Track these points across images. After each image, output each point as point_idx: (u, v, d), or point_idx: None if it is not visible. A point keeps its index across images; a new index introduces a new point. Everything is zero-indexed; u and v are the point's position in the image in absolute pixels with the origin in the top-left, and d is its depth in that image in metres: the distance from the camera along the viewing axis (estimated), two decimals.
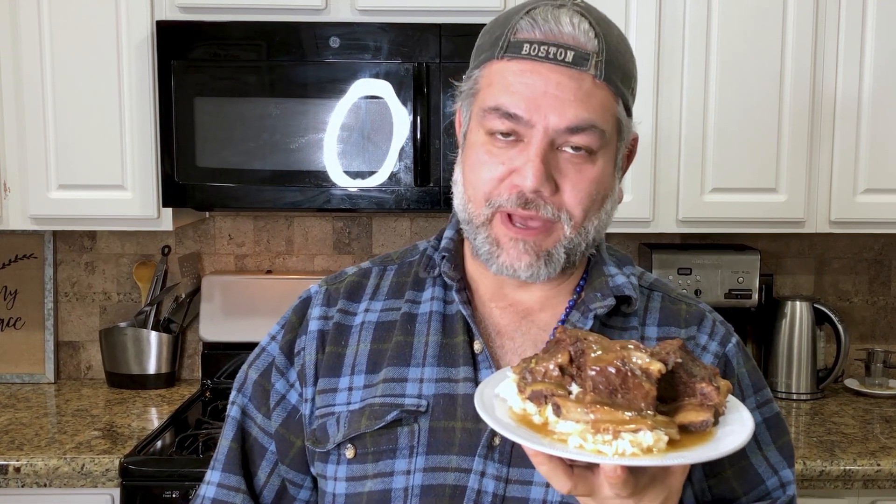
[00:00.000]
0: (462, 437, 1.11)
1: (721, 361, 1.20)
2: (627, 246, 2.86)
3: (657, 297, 1.23)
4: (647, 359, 0.91)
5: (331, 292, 1.25)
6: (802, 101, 2.47)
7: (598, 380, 0.90)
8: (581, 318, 1.15)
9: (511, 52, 1.09)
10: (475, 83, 1.13)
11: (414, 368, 1.15)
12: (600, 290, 1.16)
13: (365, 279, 1.26)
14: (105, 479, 2.18)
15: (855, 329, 2.92)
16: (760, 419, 1.21)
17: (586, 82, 1.07)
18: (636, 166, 2.43)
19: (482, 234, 1.12)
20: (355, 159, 2.38)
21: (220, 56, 2.37)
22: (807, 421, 2.52)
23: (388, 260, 1.29)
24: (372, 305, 1.22)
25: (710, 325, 1.22)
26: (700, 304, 1.26)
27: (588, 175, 1.09)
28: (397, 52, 2.36)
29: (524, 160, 1.07)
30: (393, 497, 1.12)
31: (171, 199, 2.42)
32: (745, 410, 0.97)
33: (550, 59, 1.07)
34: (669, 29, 2.46)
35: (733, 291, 2.64)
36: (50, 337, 2.86)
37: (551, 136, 1.07)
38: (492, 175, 1.09)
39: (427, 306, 1.20)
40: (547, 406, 0.92)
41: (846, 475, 2.19)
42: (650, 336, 1.19)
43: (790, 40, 2.46)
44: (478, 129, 1.12)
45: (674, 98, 2.48)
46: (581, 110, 1.07)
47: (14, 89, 2.46)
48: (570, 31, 1.07)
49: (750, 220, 2.52)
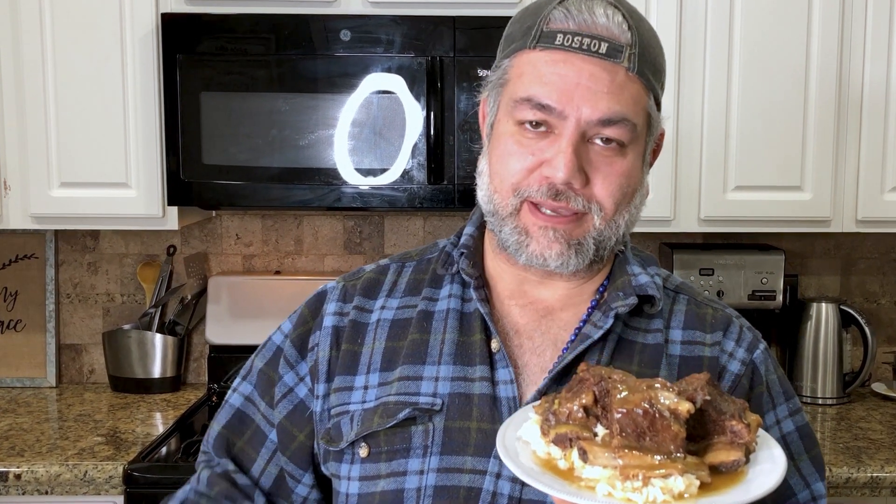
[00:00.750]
0: (477, 437, 1.11)
1: (748, 368, 1.19)
2: (648, 246, 2.86)
3: (683, 299, 1.23)
4: (675, 398, 0.90)
5: (347, 289, 1.26)
6: (828, 95, 2.45)
7: (624, 422, 0.89)
8: (602, 318, 1.15)
9: (544, 42, 1.09)
10: (504, 73, 1.14)
11: (430, 367, 1.16)
12: (623, 290, 1.17)
13: (382, 276, 1.27)
14: (108, 487, 2.17)
15: (882, 332, 2.91)
16: (793, 427, 1.21)
17: (619, 75, 1.08)
18: (657, 164, 2.38)
19: (509, 225, 1.13)
20: (367, 156, 2.37)
21: (228, 49, 2.37)
22: (833, 426, 2.51)
23: (407, 257, 1.29)
24: (388, 303, 1.23)
25: (737, 331, 1.22)
26: (727, 309, 1.26)
27: (618, 168, 1.10)
28: (410, 45, 2.35)
29: (555, 151, 1.08)
30: (405, 497, 1.12)
31: (176, 198, 2.42)
32: (777, 447, 0.97)
33: (584, 50, 1.08)
34: (691, 23, 2.45)
35: (757, 293, 2.63)
36: (51, 340, 2.86)
37: (583, 127, 1.08)
38: (521, 166, 1.10)
39: (444, 304, 1.20)
40: (572, 450, 0.92)
41: (874, 482, 2.17)
42: (674, 339, 1.19)
43: (815, 34, 2.44)
44: (507, 120, 1.12)
45: (695, 94, 2.47)
46: (614, 103, 1.08)
47: (14, 83, 2.45)
48: (605, 23, 1.08)
49: (774, 219, 2.51)
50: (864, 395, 2.78)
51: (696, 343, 1.19)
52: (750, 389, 1.18)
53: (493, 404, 1.12)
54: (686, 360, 1.18)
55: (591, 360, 1.14)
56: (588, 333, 1.14)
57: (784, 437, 1.19)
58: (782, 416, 1.20)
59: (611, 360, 1.15)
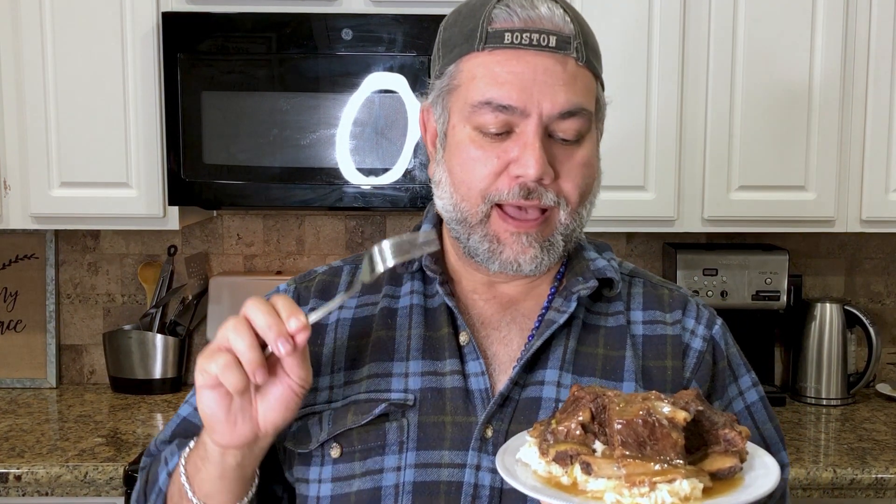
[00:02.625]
0: (453, 431, 1.12)
1: (710, 344, 1.22)
2: (651, 246, 2.85)
3: (639, 283, 1.26)
4: (671, 408, 0.93)
5: (300, 291, 1.25)
6: (832, 95, 2.44)
7: (625, 433, 0.91)
8: (564, 303, 1.16)
9: (492, 42, 1.09)
10: (452, 78, 1.13)
11: (398, 363, 1.16)
12: (582, 274, 1.19)
13: (336, 277, 1.26)
14: (109, 488, 2.17)
15: (887, 332, 2.90)
16: (757, 398, 1.24)
17: (570, 66, 1.10)
18: (660, 164, 2.40)
19: (478, 233, 1.13)
20: (368, 156, 2.37)
21: (229, 49, 2.37)
22: (837, 427, 2.51)
23: (360, 259, 1.28)
24: (347, 302, 1.22)
25: (695, 309, 1.24)
26: (681, 289, 1.28)
27: (580, 159, 1.12)
28: (412, 44, 2.34)
29: (521, 149, 1.08)
30: (383, 495, 1.11)
31: (177, 197, 2.42)
32: (767, 455, 0.99)
33: (535, 45, 1.08)
34: (694, 22, 2.44)
35: (761, 293, 2.62)
36: (52, 340, 2.86)
37: (545, 122, 1.09)
38: (488, 170, 1.10)
39: (407, 300, 1.20)
40: (573, 466, 0.93)
41: (878, 483, 2.17)
42: (636, 320, 1.21)
43: (819, 33, 2.43)
44: (463, 125, 1.12)
45: (699, 93, 2.45)
46: (571, 94, 1.09)
47: (14, 82, 2.44)
48: (549, 16, 1.09)
49: (778, 219, 2.50)
50: (869, 395, 2.77)
51: (658, 322, 1.21)
52: (714, 364, 1.21)
53: (467, 397, 1.13)
54: (649, 339, 1.20)
55: (559, 345, 1.16)
56: (553, 319, 1.16)
57: (748, 406, 1.23)
58: (745, 387, 1.24)
59: (577, 344, 1.17)
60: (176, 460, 1.15)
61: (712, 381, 1.21)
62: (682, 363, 1.19)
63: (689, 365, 1.19)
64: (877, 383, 2.81)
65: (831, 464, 2.19)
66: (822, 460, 2.22)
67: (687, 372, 1.19)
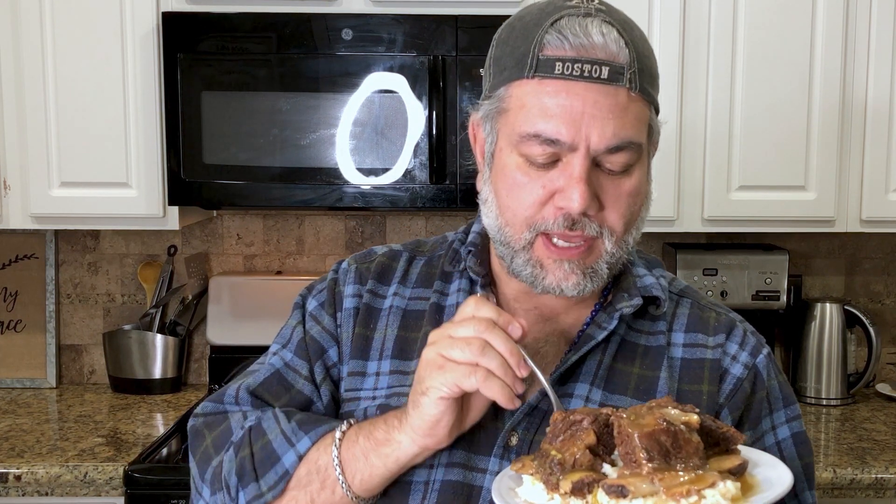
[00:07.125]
0: (481, 436, 1.12)
1: (751, 372, 1.18)
2: (651, 246, 2.85)
3: (686, 303, 1.23)
4: (681, 412, 0.91)
5: (361, 271, 1.27)
6: (832, 95, 2.44)
7: (649, 445, 0.89)
8: (607, 319, 1.15)
9: (542, 71, 1.07)
10: (501, 101, 1.12)
11: None
12: (627, 291, 1.17)
13: (395, 262, 1.27)
14: (109, 488, 2.17)
15: (887, 332, 2.89)
16: (788, 434, 1.20)
17: (622, 97, 1.07)
18: (660, 164, 2.38)
19: (522, 258, 1.12)
20: (368, 156, 2.36)
21: (229, 49, 2.36)
22: (837, 427, 2.51)
23: (419, 250, 1.29)
24: (401, 291, 1.24)
25: (740, 335, 1.21)
26: (731, 313, 1.26)
27: (627, 189, 1.10)
28: (412, 44, 2.34)
29: (566, 181, 1.07)
30: (412, 489, 1.12)
31: (177, 197, 2.42)
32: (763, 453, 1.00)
33: (585, 77, 1.06)
34: (694, 23, 2.44)
35: (761, 293, 2.62)
36: (51, 340, 2.85)
37: (592, 154, 1.07)
38: (532, 199, 1.09)
39: (454, 298, 1.21)
40: (594, 493, 0.89)
41: (878, 483, 2.17)
42: (676, 342, 1.19)
43: (819, 34, 2.43)
44: (511, 151, 1.11)
45: (699, 94, 2.46)
46: (619, 128, 1.07)
47: (14, 82, 2.44)
48: (602, 43, 1.06)
49: (778, 219, 2.50)
50: (869, 395, 2.77)
51: (699, 346, 1.19)
52: (752, 394, 1.18)
53: (496, 404, 1.11)
54: (688, 363, 1.17)
55: (593, 360, 1.15)
56: (592, 335, 1.15)
57: (778, 442, 1.19)
58: (778, 422, 1.20)
59: (612, 361, 1.15)
60: (308, 444, 1.14)
61: (746, 410, 1.18)
62: (717, 388, 1.17)
63: (725, 391, 1.17)
64: (877, 383, 2.80)
65: (831, 464, 2.19)
66: (822, 460, 2.21)
67: (721, 398, 1.17)
